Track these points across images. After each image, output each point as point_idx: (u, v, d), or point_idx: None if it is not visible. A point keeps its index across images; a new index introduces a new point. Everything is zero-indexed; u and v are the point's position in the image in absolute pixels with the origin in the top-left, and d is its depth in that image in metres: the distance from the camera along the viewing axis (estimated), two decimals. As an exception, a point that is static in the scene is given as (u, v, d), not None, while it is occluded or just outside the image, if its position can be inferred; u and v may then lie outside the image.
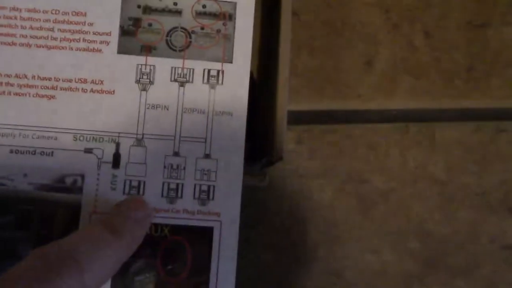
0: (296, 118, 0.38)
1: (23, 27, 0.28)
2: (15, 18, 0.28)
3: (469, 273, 0.38)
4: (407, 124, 0.39)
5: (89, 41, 0.29)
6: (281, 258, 0.37)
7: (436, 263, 0.37)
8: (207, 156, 0.28)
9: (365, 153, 0.38)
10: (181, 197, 0.28)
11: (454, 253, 0.38)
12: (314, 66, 0.39)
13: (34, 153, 0.28)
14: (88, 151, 0.28)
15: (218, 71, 0.29)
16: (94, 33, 0.29)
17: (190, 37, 0.29)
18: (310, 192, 0.37)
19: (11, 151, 0.28)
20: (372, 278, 0.37)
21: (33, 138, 0.28)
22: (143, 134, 0.28)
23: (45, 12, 0.29)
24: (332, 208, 0.37)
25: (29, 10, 0.28)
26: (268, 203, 0.37)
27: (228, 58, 0.29)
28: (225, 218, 0.28)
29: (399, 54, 0.39)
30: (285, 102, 0.29)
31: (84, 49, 0.29)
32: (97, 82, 0.28)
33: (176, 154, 0.28)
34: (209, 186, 0.28)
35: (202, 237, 0.28)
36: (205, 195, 0.28)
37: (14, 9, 0.28)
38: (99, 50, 0.29)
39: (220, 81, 0.29)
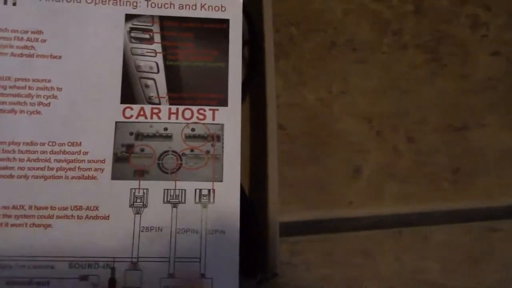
0: (289, 229, 0.38)
1: (21, 160, 0.30)
2: (13, 151, 0.30)
3: None
4: (400, 229, 0.39)
5: (84, 169, 0.30)
6: None
7: None
8: (202, 275, 0.29)
9: (360, 260, 0.38)
10: (177, 320, 0.28)
11: None
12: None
13: (30, 283, 0.28)
14: (84, 278, 0.28)
15: (209, 190, 0.30)
16: (89, 161, 0.30)
17: (181, 159, 0.30)
18: (308, 303, 0.37)
19: (7, 283, 0.28)
20: None
21: (29, 268, 0.28)
22: (138, 257, 0.29)
23: (42, 144, 0.30)
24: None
25: (26, 144, 0.30)
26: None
27: (218, 177, 0.30)
28: None
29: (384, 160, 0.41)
30: (276, 218, 0.30)
31: (80, 177, 0.30)
32: (92, 209, 0.29)
33: (170, 275, 0.28)
34: (205, 307, 0.28)
35: None
36: (202, 316, 0.28)
37: (12, 143, 0.30)
38: (94, 177, 0.30)
39: (211, 200, 0.30)
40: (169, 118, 0.31)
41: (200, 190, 0.30)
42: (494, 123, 0.43)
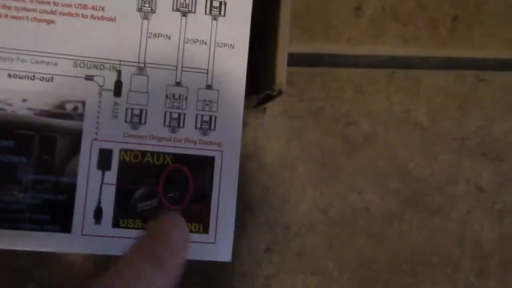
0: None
1: None
2: None
3: (445, 212, 0.40)
4: (394, 70, 0.40)
5: (89, -35, 0.28)
6: (271, 196, 0.37)
7: (416, 202, 0.39)
8: (208, 87, 0.29)
9: (352, 96, 0.39)
10: (183, 126, 0.28)
11: (432, 194, 0.40)
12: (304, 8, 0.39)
13: (33, 78, 0.27)
14: (89, 78, 0.28)
15: (221, 3, 0.29)
16: (94, -43, 0.28)
17: (193, -34, 0.29)
18: (300, 132, 0.38)
19: (9, 76, 0.27)
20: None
21: (31, 63, 0.27)
22: (144, 63, 0.28)
23: None
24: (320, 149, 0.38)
25: None
26: (260, 143, 0.38)
27: (230, -10, 0.29)
28: (226, 148, 0.28)
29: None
30: (287, 37, 0.29)
31: (84, -26, 0.28)
32: (97, 9, 0.28)
33: (178, 84, 0.28)
34: (210, 117, 0.28)
35: (204, 166, 0.28)
36: (207, 125, 0.28)
37: None
38: (100, -25, 0.28)
39: (222, 13, 0.29)
40: None
41: (211, 1, 0.29)
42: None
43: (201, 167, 0.28)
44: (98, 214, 0.27)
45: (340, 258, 0.38)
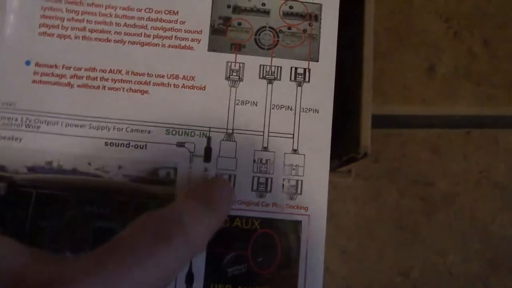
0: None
1: (117, 25, 0.29)
2: (110, 15, 0.29)
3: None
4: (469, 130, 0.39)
5: (181, 38, 0.29)
6: (349, 259, 0.37)
7: (500, 264, 0.38)
8: (295, 151, 0.29)
9: (429, 156, 0.39)
10: (270, 191, 0.29)
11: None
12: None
13: (128, 146, 0.28)
14: (180, 145, 0.29)
15: (305, 69, 0.30)
16: (185, 31, 0.29)
17: (278, 36, 0.30)
18: (377, 194, 0.38)
19: (106, 144, 0.28)
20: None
21: (127, 131, 0.29)
22: (233, 129, 0.29)
23: (139, 10, 0.29)
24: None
25: (123, 8, 0.29)
26: (336, 204, 0.38)
27: (314, 57, 0.30)
28: (313, 212, 0.29)
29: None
30: (370, 101, 0.30)
31: (176, 46, 0.29)
32: (188, 78, 0.29)
33: (265, 149, 0.29)
34: (297, 181, 0.29)
35: (291, 230, 0.28)
36: (294, 189, 0.29)
37: (109, 6, 0.29)
38: (191, 48, 0.29)
39: (307, 79, 0.30)
40: (267, -8, 0.30)
41: (296, 68, 0.30)
42: None
43: (289, 231, 0.28)
44: (189, 279, 0.27)
45: (422, 324, 0.37)
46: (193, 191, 0.26)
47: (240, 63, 0.29)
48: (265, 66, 0.30)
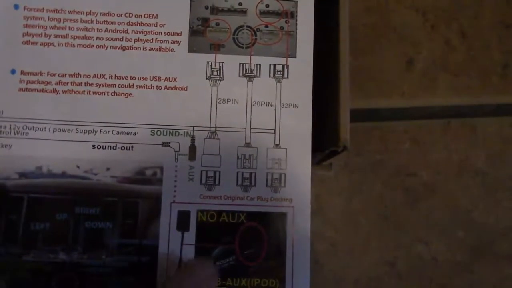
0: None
1: (99, 30, 0.30)
2: (91, 21, 0.30)
3: (516, 259, 0.39)
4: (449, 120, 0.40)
5: (161, 41, 0.30)
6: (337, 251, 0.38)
7: (483, 250, 0.39)
8: (277, 146, 0.30)
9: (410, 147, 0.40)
10: (255, 185, 0.29)
11: (499, 240, 0.39)
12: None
13: (115, 148, 0.29)
14: (166, 144, 0.29)
15: (283, 66, 0.31)
16: (165, 34, 0.30)
17: (256, 35, 0.31)
18: (360, 186, 0.39)
19: (94, 147, 0.29)
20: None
21: (113, 134, 0.29)
22: (216, 127, 0.30)
23: (119, 15, 0.30)
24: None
25: (104, 14, 0.30)
26: (322, 198, 0.38)
27: (292, 53, 0.31)
28: (297, 203, 0.29)
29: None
30: (348, 94, 0.31)
31: (157, 49, 0.30)
32: (170, 80, 0.30)
33: (247, 145, 0.30)
34: (280, 174, 0.30)
35: (277, 222, 0.29)
36: (277, 183, 0.30)
37: (90, 13, 0.30)
38: (171, 50, 0.30)
39: (285, 75, 0.31)
40: (244, -7, 0.31)
41: (275, 65, 0.31)
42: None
43: (275, 223, 0.29)
44: (179, 274, 0.28)
45: (411, 311, 0.38)
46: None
47: (220, 62, 0.30)
48: (244, 65, 0.30)
